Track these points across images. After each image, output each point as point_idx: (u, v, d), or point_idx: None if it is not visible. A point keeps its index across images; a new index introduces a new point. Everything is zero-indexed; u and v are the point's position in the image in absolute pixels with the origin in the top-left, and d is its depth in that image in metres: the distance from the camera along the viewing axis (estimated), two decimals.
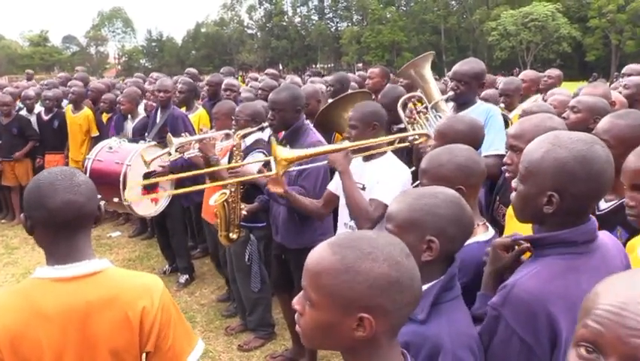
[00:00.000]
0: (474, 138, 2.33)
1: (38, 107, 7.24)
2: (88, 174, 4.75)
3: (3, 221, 7.30)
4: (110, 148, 4.72)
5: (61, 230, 1.46)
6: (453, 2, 53.06)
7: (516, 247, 1.55)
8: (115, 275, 1.53)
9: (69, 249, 1.47)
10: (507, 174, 2.04)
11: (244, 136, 3.39)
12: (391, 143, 2.83)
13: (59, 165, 6.76)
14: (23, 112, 7.17)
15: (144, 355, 1.53)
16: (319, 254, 1.07)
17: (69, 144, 6.89)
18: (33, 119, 7.04)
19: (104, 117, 6.75)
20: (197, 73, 8.56)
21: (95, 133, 6.78)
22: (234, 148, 3.36)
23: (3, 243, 6.48)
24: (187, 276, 5.15)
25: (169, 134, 3.64)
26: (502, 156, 2.88)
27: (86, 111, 6.82)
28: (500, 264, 1.55)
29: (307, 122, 3.35)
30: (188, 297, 4.94)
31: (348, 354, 1.10)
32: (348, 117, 2.78)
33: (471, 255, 1.68)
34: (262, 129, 3.33)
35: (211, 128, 4.94)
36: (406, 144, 2.86)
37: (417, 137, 2.84)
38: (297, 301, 1.11)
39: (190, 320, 4.48)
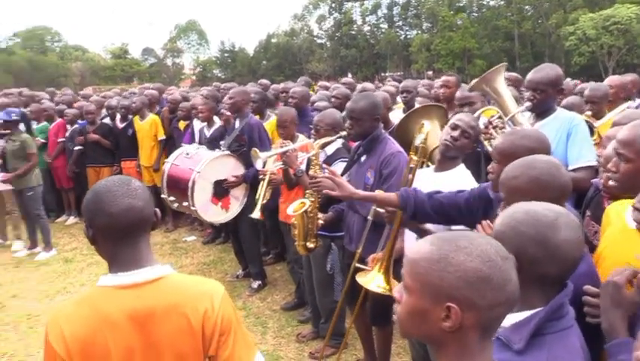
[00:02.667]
0: (536, 150, 2.03)
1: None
2: (165, 177, 4.97)
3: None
4: (187, 154, 4.91)
5: (122, 236, 1.47)
6: (527, 7, 51.27)
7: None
8: (176, 281, 1.53)
9: (131, 255, 1.48)
10: (610, 182, 1.79)
11: (323, 145, 3.39)
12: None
13: (134, 170, 7.23)
14: (106, 120, 7.60)
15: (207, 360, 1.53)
16: (420, 244, 1.14)
17: (140, 150, 7.24)
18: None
19: (181, 125, 7.03)
20: (269, 83, 8.76)
21: (162, 136, 7.09)
22: (313, 158, 3.36)
23: (88, 244, 6.85)
24: (259, 282, 5.23)
25: (254, 149, 3.67)
26: (593, 167, 2.74)
27: (152, 117, 7.15)
28: (630, 305, 1.44)
29: (384, 131, 3.30)
30: (260, 302, 5.01)
31: (438, 348, 1.12)
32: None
33: None
34: (341, 138, 3.32)
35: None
36: None
37: None
38: (397, 290, 1.17)
39: (262, 325, 4.54)
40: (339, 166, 3.42)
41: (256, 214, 4.13)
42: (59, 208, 8.05)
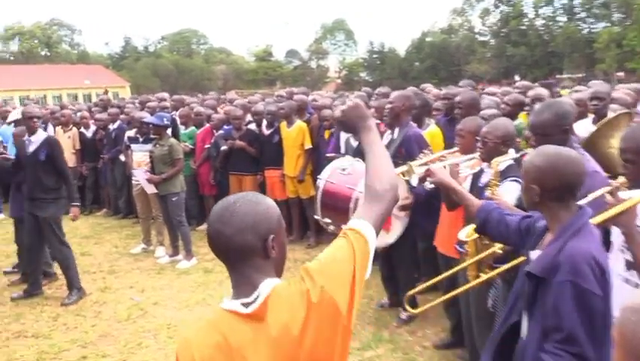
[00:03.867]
0: None
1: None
2: (320, 196, 4.93)
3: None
4: (343, 170, 4.84)
5: (224, 260, 1.60)
6: None
7: None
8: (281, 295, 1.58)
9: (240, 281, 1.59)
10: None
11: (496, 162, 3.20)
12: None
13: (277, 180, 7.60)
14: (252, 125, 8.08)
15: None
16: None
17: (285, 159, 7.57)
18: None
19: (327, 134, 7.26)
20: (431, 87, 8.70)
21: (309, 145, 7.36)
22: (492, 178, 3.19)
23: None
24: (408, 313, 5.15)
25: (409, 163, 3.61)
26: None
27: (300, 124, 7.44)
28: None
29: (577, 145, 3.07)
30: (409, 336, 4.95)
31: None
32: (620, 148, 2.53)
33: None
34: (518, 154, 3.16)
35: (444, 147, 4.91)
36: None
37: None
38: None
39: None
40: (510, 186, 3.26)
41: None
42: (201, 216, 8.71)
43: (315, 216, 5.21)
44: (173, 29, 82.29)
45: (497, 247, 3.19)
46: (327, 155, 6.67)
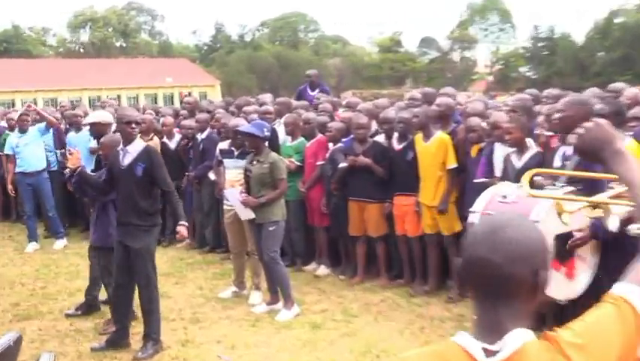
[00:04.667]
0: None
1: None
2: None
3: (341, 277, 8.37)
4: (504, 197, 4.75)
5: (476, 292, 1.70)
6: None
7: None
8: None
9: (481, 320, 1.67)
10: None
11: None
12: None
13: (410, 209, 7.58)
14: (380, 137, 8.12)
15: None
16: None
17: (421, 182, 7.54)
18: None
19: (474, 150, 7.20)
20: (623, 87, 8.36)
21: (453, 164, 7.32)
22: None
23: (343, 305, 7.41)
24: None
25: (600, 196, 3.43)
26: None
27: (441, 137, 7.41)
28: None
29: None
30: None
31: None
32: None
33: None
34: None
35: None
36: None
37: None
38: None
39: None
40: None
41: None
42: (308, 253, 8.86)
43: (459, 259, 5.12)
44: (275, 13, 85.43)
45: None
46: (477, 180, 6.57)
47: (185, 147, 10.15)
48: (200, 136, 9.82)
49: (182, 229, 6.42)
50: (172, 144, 10.33)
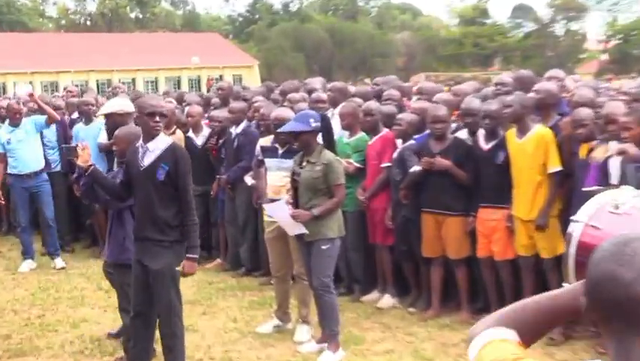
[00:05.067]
0: None
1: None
2: (574, 245, 4.83)
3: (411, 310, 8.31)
4: (616, 208, 4.72)
5: (604, 322, 1.74)
6: None
7: None
8: None
9: (618, 356, 1.69)
10: None
11: None
12: None
13: (500, 225, 7.50)
14: (463, 133, 8.07)
15: None
16: None
17: (514, 190, 7.48)
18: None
19: (583, 150, 7.09)
20: None
21: (555, 167, 7.26)
22: None
23: (404, 343, 7.36)
24: None
25: None
26: None
27: (541, 132, 7.34)
28: None
29: None
30: None
31: None
32: None
33: None
34: None
35: None
36: None
37: None
38: None
39: None
40: None
41: None
42: (369, 279, 8.82)
43: (565, 285, 5.06)
44: None
45: None
46: (586, 189, 6.45)
47: (215, 144, 10.20)
48: (234, 130, 9.83)
49: (189, 264, 6.28)
50: (199, 140, 10.41)
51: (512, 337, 2.05)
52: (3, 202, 11.37)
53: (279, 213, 7.34)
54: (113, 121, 7.68)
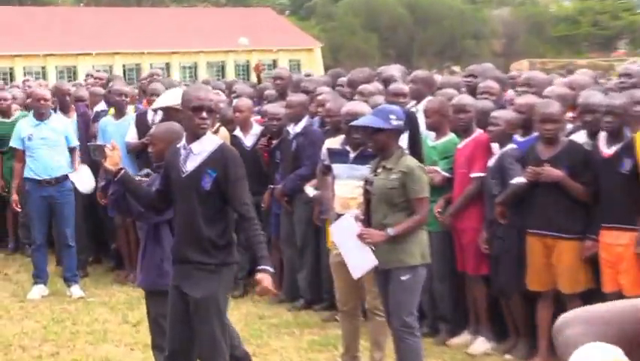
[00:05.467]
0: None
1: None
2: None
3: None
4: None
5: None
6: None
7: None
8: None
9: None
10: None
11: None
12: None
13: (628, 252, 7.44)
14: (580, 136, 8.03)
15: None
16: None
17: None
18: None
19: None
20: None
21: None
22: None
23: None
24: None
25: None
26: None
27: None
28: None
29: None
30: None
31: None
32: None
33: None
34: None
35: None
36: None
37: None
38: None
39: None
40: None
41: None
42: (459, 316, 8.81)
43: None
44: None
45: None
46: None
47: (267, 145, 10.28)
48: (292, 129, 9.88)
49: (265, 277, 6.07)
50: (248, 141, 10.51)
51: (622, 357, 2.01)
52: (19, 209, 11.38)
53: (342, 235, 7.24)
54: (169, 117, 7.68)
